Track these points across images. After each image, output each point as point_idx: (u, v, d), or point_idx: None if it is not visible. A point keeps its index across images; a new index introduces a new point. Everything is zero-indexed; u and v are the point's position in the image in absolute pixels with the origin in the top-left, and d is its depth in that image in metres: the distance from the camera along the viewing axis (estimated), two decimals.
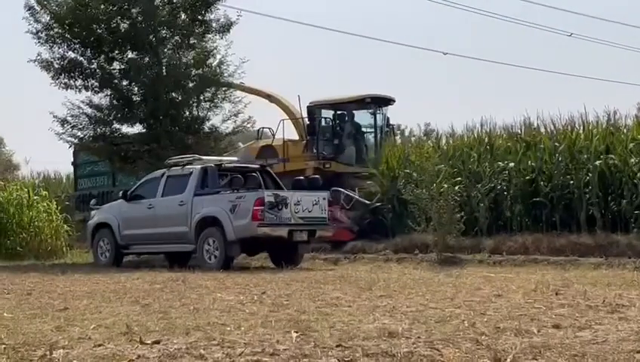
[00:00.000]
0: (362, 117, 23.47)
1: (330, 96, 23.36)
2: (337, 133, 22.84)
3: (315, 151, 22.24)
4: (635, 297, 9.25)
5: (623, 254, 15.20)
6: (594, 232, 16.56)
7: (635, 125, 17.80)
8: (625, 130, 17.97)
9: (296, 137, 23.59)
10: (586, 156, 17.52)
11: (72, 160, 27.29)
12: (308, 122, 22.69)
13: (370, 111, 23.19)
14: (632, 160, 16.81)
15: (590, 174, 17.15)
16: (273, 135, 23.41)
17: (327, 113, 23.09)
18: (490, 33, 65.32)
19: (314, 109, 22.69)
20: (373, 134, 23.36)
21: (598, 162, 17.16)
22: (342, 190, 20.17)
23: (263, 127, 24.16)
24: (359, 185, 20.73)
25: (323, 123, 22.78)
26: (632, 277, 12.20)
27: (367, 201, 20.03)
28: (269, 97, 24.52)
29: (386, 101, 23.14)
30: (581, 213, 17.15)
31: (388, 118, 23.38)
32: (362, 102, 22.78)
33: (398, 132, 23.80)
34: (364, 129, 23.49)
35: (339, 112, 23.07)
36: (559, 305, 8.51)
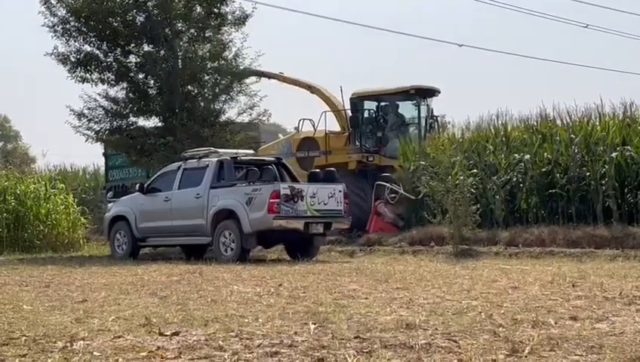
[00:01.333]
0: (405, 108, 22.66)
1: (373, 87, 22.68)
2: (381, 125, 22.05)
3: (357, 143, 21.66)
4: None
5: (639, 246, 15.15)
6: (610, 224, 16.50)
7: None
8: None
9: (338, 129, 23.01)
10: (602, 148, 17.45)
11: (102, 150, 27.00)
12: (351, 114, 22.03)
13: (414, 102, 22.29)
14: None
15: (606, 166, 17.07)
16: (314, 127, 22.75)
17: (370, 105, 22.24)
18: (505, 25, 65.11)
19: (357, 101, 22.03)
20: (417, 126, 22.51)
21: (614, 154, 17.08)
22: (386, 184, 19.81)
23: (304, 119, 23.51)
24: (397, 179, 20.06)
25: (366, 115, 22.07)
26: None
27: (412, 196, 19.52)
28: (310, 88, 23.89)
29: (431, 92, 22.28)
30: (597, 204, 17.09)
31: (432, 110, 22.61)
32: (406, 94, 21.95)
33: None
34: (407, 121, 22.79)
35: (382, 104, 22.23)
36: (576, 297, 8.51)
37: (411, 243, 18.22)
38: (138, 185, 18.93)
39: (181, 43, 21.73)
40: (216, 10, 21.84)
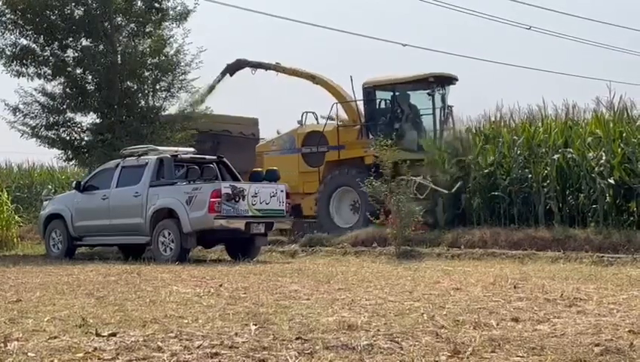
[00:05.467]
0: (419, 98, 20.86)
1: (387, 75, 20.95)
2: (397, 117, 20.41)
3: (371, 136, 20.04)
4: (592, 291, 9.39)
5: (580, 248, 15.38)
6: (552, 226, 16.74)
7: (594, 119, 18.01)
8: (583, 124, 18.16)
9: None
10: (544, 150, 17.71)
11: None
12: (364, 105, 20.68)
13: (429, 91, 20.43)
14: (590, 154, 17.01)
15: (548, 168, 17.34)
16: (317, 120, 21.63)
17: (385, 94, 20.68)
18: (449, 25, 65.63)
19: (371, 90, 20.59)
20: (432, 116, 20.66)
21: (556, 156, 17.35)
22: (413, 178, 18.36)
23: (307, 111, 22.01)
24: (421, 173, 18.69)
25: (382, 105, 20.64)
26: (589, 271, 12.37)
27: (444, 190, 18.34)
28: (313, 78, 22.28)
29: (449, 80, 20.71)
30: (539, 206, 17.33)
31: (446, 99, 20.88)
32: (424, 82, 20.21)
33: None
34: (423, 111, 20.99)
35: (398, 93, 20.59)
36: (518, 299, 8.62)
37: (354, 243, 18.23)
38: (74, 182, 18.71)
39: (121, 38, 21.55)
40: (157, 4, 21.70)
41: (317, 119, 21.73)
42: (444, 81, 20.64)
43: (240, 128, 23.86)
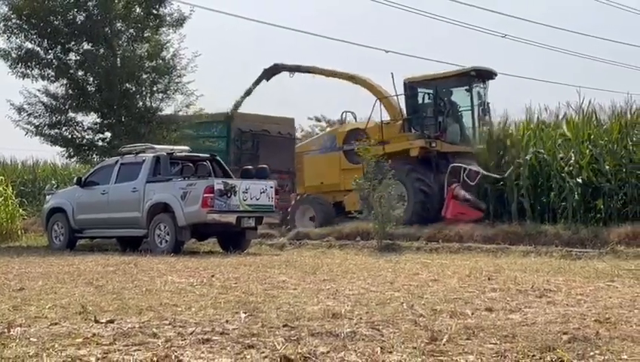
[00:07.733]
0: (460, 92, 20.26)
1: (428, 71, 20.62)
2: (440, 110, 19.87)
3: (414, 130, 19.76)
4: (561, 282, 9.40)
5: (550, 243, 15.44)
6: (524, 222, 16.81)
7: (564, 122, 18.09)
8: (554, 127, 18.25)
9: (385, 118, 20.57)
10: (517, 150, 17.77)
11: None
12: (405, 100, 20.23)
13: (467, 87, 20.00)
14: (560, 155, 17.12)
15: (521, 168, 17.40)
16: (356, 118, 21.29)
17: (428, 89, 20.16)
18: (430, 33, 65.73)
19: (413, 86, 20.13)
20: (471, 110, 20.13)
21: (528, 156, 17.42)
22: (463, 165, 18.11)
23: (346, 111, 21.94)
24: (467, 164, 18.37)
25: (426, 99, 20.15)
26: (558, 264, 12.39)
27: (497, 176, 17.91)
28: (353, 78, 21.82)
29: (489, 75, 20.21)
30: (512, 203, 17.40)
31: (485, 94, 20.35)
32: (466, 76, 19.85)
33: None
34: (464, 105, 20.31)
35: (440, 88, 19.96)
36: (491, 290, 8.62)
37: (338, 237, 18.27)
38: (76, 178, 18.67)
39: (120, 42, 21.51)
40: (154, 11, 21.70)
41: (355, 118, 21.44)
42: (485, 75, 20.21)
43: (278, 128, 23.64)
